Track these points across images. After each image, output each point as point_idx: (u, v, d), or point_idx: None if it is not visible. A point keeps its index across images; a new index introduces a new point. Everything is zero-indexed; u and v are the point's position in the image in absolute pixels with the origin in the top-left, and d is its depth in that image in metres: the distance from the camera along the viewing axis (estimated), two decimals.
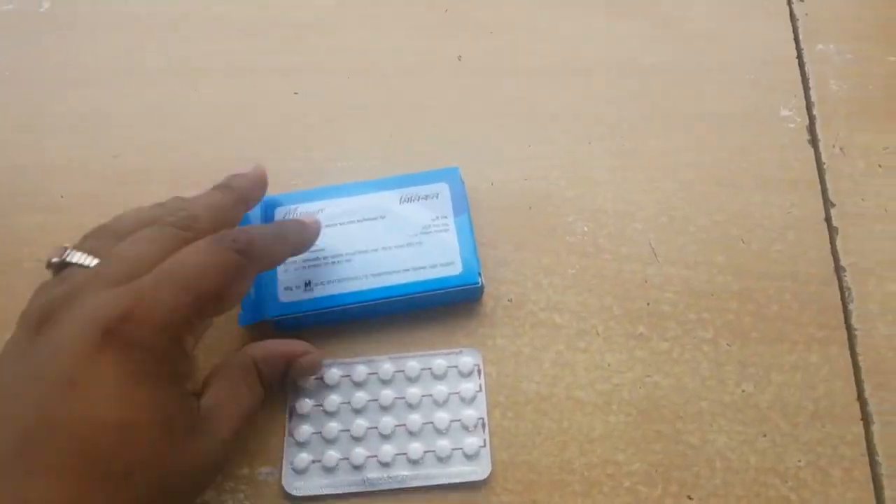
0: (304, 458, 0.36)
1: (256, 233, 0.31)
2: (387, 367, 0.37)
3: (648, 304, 0.39)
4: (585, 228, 0.41)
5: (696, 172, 0.42)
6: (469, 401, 0.37)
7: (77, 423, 0.25)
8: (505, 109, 0.45)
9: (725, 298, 0.39)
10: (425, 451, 0.36)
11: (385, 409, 0.37)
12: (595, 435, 0.36)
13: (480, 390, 0.37)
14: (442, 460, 0.35)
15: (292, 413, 0.37)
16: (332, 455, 0.36)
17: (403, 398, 0.37)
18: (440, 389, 0.37)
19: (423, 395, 0.37)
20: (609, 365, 0.38)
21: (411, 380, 0.37)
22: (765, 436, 0.36)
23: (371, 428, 0.36)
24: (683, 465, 0.35)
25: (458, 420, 0.36)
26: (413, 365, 0.37)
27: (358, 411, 0.37)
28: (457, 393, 0.37)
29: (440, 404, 0.37)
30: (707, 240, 0.40)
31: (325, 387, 0.37)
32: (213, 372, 0.33)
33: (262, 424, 0.37)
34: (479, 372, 0.37)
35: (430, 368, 0.37)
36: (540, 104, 0.45)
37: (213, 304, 0.29)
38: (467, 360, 0.37)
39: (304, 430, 0.36)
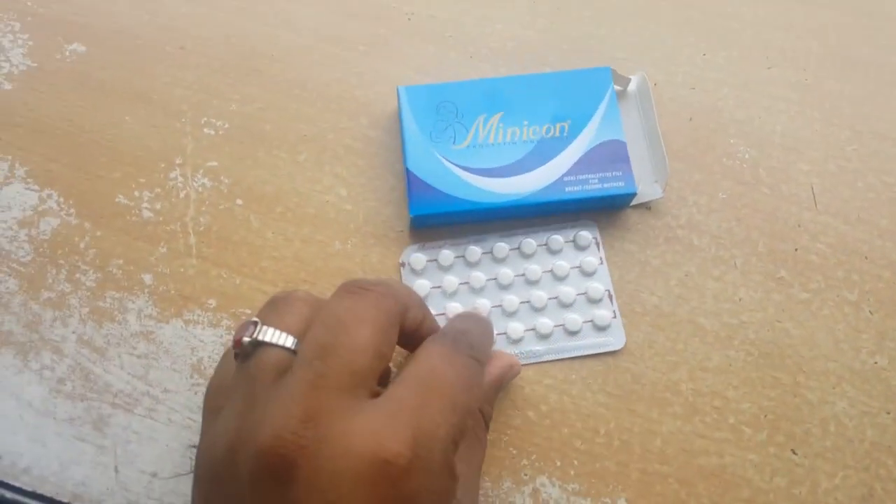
0: None
1: (474, 333, 0.27)
2: (501, 245, 0.35)
3: (797, 249, 0.36)
4: (747, 155, 0.38)
5: (875, 126, 0.39)
6: (591, 273, 0.35)
7: None
8: (685, 9, 0.41)
9: (881, 265, 0.36)
10: (555, 326, 0.34)
11: (505, 287, 0.34)
12: (710, 365, 0.34)
13: (602, 263, 0.35)
14: (572, 334, 0.34)
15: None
16: None
17: (523, 275, 0.35)
18: (560, 265, 0.35)
19: (544, 272, 0.35)
20: (740, 300, 0.35)
21: (528, 257, 0.35)
22: (888, 413, 0.34)
23: (495, 307, 0.34)
24: (796, 419, 0.33)
25: (584, 293, 0.34)
26: (528, 242, 0.35)
27: (478, 291, 0.34)
28: (577, 266, 0.35)
29: (562, 279, 0.35)
30: (874, 199, 0.37)
31: (440, 268, 0.35)
32: None
33: None
34: (597, 244, 0.35)
35: (545, 244, 0.35)
36: (724, 14, 0.41)
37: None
38: (584, 234, 0.35)
39: None
